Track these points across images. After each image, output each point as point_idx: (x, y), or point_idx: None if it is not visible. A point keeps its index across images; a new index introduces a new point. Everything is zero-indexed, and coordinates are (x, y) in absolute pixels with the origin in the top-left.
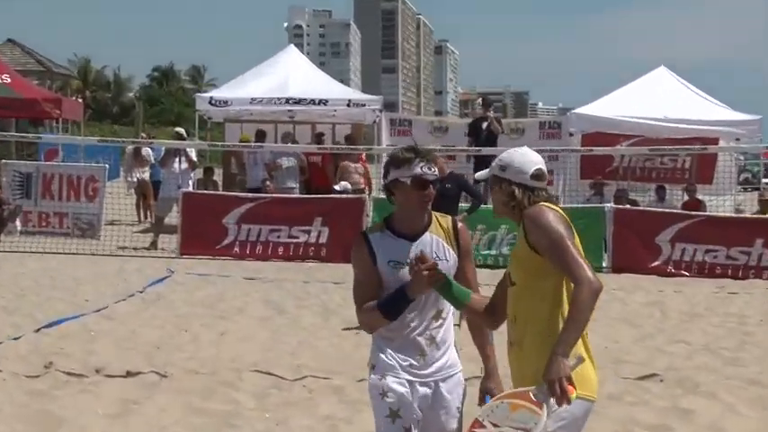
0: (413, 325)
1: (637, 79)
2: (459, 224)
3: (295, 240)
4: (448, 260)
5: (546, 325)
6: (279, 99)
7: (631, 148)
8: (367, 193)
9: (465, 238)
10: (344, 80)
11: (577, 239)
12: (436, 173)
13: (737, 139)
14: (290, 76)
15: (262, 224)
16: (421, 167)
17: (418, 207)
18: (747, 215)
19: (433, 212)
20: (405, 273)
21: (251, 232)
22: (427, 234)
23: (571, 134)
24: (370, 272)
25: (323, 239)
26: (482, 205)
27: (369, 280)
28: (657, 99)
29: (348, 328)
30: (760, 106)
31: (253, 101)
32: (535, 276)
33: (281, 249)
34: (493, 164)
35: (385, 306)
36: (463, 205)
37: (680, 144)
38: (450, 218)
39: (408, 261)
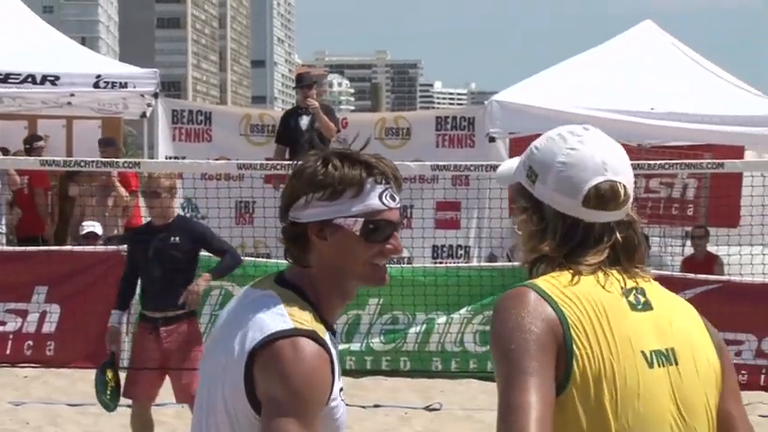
0: None
1: (602, 44)
2: None
3: None
4: None
5: None
6: None
7: None
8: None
9: None
10: (89, 40)
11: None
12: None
13: None
14: None
15: None
16: (381, 195)
17: (371, 277)
18: None
19: None
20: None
21: None
22: None
23: (492, 138)
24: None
25: (49, 327)
26: (237, 266)
27: None
28: (640, 78)
29: None
30: None
31: None
32: None
33: None
34: (522, 157)
35: None
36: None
37: (678, 157)
38: None
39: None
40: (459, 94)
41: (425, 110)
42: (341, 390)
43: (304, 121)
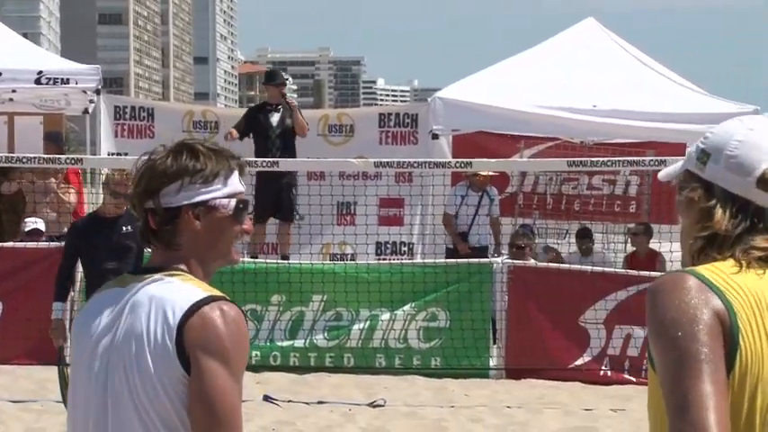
0: None
1: (545, 41)
2: None
3: None
4: None
5: None
6: None
7: (539, 161)
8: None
9: None
10: (31, 35)
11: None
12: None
13: None
14: None
15: None
16: (240, 180)
17: (232, 253)
18: None
19: None
20: None
21: None
22: None
23: (435, 136)
24: None
25: None
26: None
27: None
28: (582, 75)
29: None
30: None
31: None
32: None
33: None
34: (697, 143)
35: None
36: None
37: (620, 154)
38: None
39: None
40: (402, 90)
41: (368, 107)
42: None
43: (275, 117)
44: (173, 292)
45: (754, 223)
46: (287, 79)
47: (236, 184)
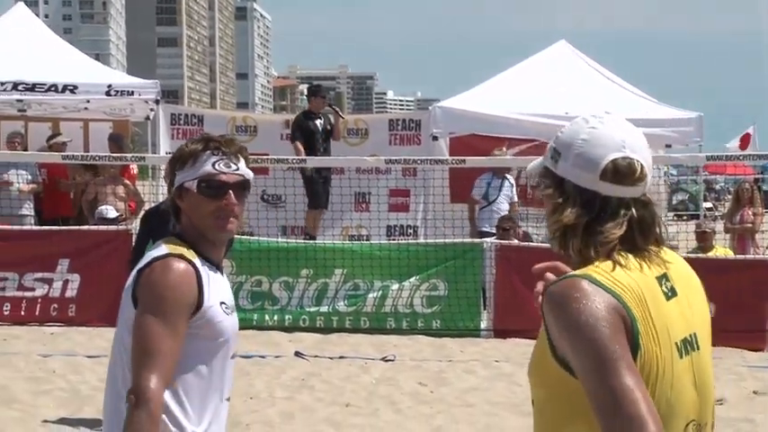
0: None
1: (526, 60)
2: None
3: (29, 294)
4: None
5: None
6: (2, 84)
7: (521, 158)
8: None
9: None
10: (102, 56)
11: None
12: (242, 170)
13: (668, 146)
14: (19, 49)
15: None
16: (214, 163)
17: (214, 226)
18: (683, 254)
19: None
20: (232, 321)
21: None
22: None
23: (435, 137)
24: (183, 325)
25: (71, 292)
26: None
27: (177, 344)
28: (556, 88)
29: None
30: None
31: None
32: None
33: (7, 307)
34: (550, 142)
35: None
36: None
37: None
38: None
39: (232, 306)
40: (407, 101)
41: (380, 114)
42: (222, 304)
43: (318, 124)
44: (150, 252)
45: (602, 212)
46: (326, 93)
47: (206, 166)
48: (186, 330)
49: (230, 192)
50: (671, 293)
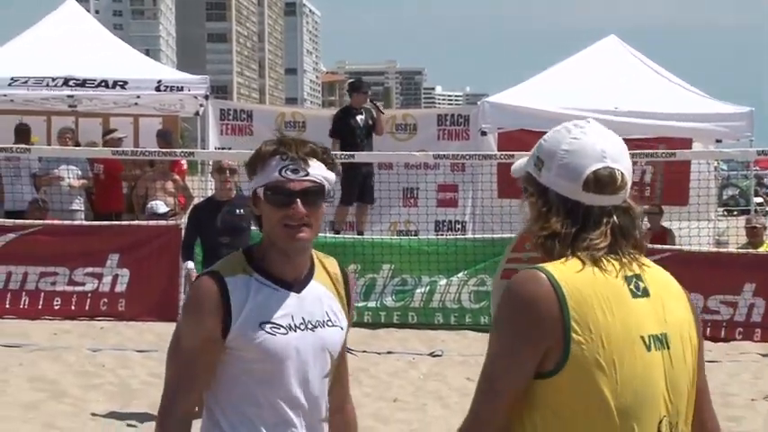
0: None
1: (575, 54)
2: (349, 272)
3: (79, 289)
4: (342, 327)
5: None
6: (53, 79)
7: None
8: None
9: (353, 293)
10: (152, 52)
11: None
12: (313, 175)
13: (718, 141)
14: (70, 45)
15: (28, 265)
16: (281, 169)
17: (283, 236)
18: (732, 250)
19: (314, 250)
20: (288, 341)
21: (12, 277)
22: (314, 283)
23: (484, 133)
24: (207, 343)
25: (121, 287)
26: None
27: (201, 359)
28: (605, 82)
29: None
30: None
31: (13, 82)
32: None
33: (57, 302)
34: (532, 150)
35: None
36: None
37: (637, 147)
38: (334, 260)
39: (296, 324)
40: (456, 96)
41: (428, 109)
42: (266, 324)
43: (360, 119)
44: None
45: (585, 222)
46: (368, 88)
47: (273, 172)
48: (227, 351)
49: (297, 200)
50: (641, 293)
